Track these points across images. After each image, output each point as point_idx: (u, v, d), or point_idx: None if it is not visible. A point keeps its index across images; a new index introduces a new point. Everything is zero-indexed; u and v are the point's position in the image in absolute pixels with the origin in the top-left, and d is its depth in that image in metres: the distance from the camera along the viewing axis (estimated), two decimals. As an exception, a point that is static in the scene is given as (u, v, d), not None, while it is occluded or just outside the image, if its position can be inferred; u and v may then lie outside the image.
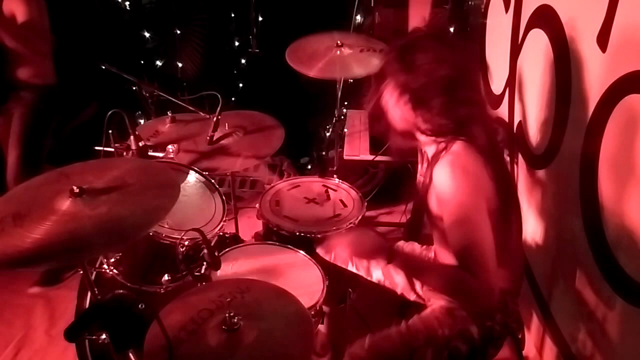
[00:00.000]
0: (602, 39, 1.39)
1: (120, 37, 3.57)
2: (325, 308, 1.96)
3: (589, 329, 1.58)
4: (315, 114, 3.62)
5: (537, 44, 1.84)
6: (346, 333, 2.06)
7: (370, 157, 2.95)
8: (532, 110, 1.94)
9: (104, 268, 1.77)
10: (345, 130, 3.13)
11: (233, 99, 3.80)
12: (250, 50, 3.81)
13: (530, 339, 2.07)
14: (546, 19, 1.76)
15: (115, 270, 1.67)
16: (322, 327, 1.98)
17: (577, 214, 1.59)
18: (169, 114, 2.00)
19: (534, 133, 1.95)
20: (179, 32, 3.75)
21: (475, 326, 1.51)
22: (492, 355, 1.57)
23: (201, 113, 2.00)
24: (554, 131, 1.75)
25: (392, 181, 3.19)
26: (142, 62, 3.70)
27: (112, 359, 1.44)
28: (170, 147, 1.76)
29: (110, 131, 1.56)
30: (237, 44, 4.00)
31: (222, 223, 1.69)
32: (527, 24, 1.93)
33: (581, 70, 1.54)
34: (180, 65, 3.77)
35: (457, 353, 1.49)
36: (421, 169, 1.77)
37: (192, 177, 1.81)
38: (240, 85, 4.01)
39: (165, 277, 1.65)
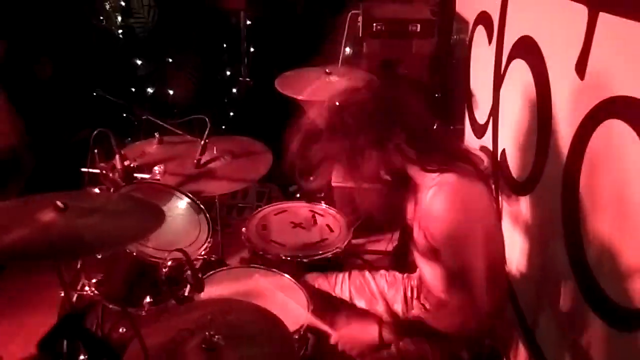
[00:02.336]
0: (580, 67, 1.43)
1: (113, 64, 3.61)
2: (310, 337, 1.94)
3: (574, 356, 1.57)
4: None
5: (519, 73, 1.89)
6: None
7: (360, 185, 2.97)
8: (515, 138, 1.98)
9: (85, 290, 1.74)
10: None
11: (224, 127, 3.82)
12: (241, 78, 3.87)
13: (517, 369, 2.06)
14: (527, 49, 1.81)
15: (96, 291, 1.64)
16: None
17: (559, 239, 1.61)
18: (157, 135, 2.01)
19: (517, 160, 1.98)
20: (170, 60, 3.80)
21: (466, 351, 1.50)
22: (479, 380, 1.56)
23: (189, 137, 2.01)
24: (536, 158, 1.78)
25: (379, 211, 3.19)
26: (134, 89, 3.74)
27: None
28: (156, 168, 1.76)
29: (95, 150, 1.56)
30: (228, 73, 4.06)
31: (206, 244, 1.68)
32: (509, 55, 1.99)
33: (561, 98, 1.58)
34: (171, 92, 3.81)
35: None
36: (410, 209, 1.78)
37: (180, 200, 1.81)
38: (231, 114, 4.05)
39: (147, 299, 1.62)
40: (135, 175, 1.74)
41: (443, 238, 1.38)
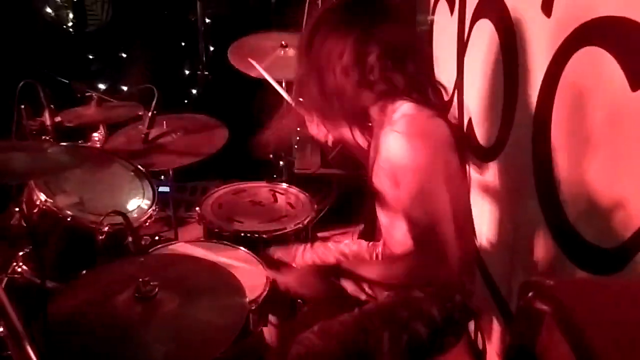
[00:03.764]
0: (547, 5, 1.36)
1: (62, 58, 3.42)
2: (272, 318, 1.79)
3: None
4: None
5: (483, 34, 1.82)
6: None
7: (322, 171, 2.86)
8: (481, 102, 1.90)
9: (17, 272, 1.55)
10: (296, 146, 3.05)
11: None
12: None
13: (492, 348, 1.94)
14: (490, 6, 1.75)
15: (24, 267, 1.45)
16: (268, 337, 1.79)
17: (532, 196, 1.52)
18: (94, 95, 1.83)
19: (483, 126, 1.90)
20: (124, 55, 3.65)
21: (436, 307, 1.38)
22: (452, 344, 1.43)
23: (135, 103, 1.86)
24: (504, 115, 1.69)
25: (345, 201, 3.09)
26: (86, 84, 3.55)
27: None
28: (95, 135, 1.60)
29: (22, 106, 1.39)
30: (187, 72, 3.93)
31: (151, 211, 1.51)
32: (472, 18, 1.93)
33: (528, 43, 1.50)
34: (125, 89, 3.64)
35: (417, 336, 1.35)
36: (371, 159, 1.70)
37: (122, 168, 1.64)
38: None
39: (84, 272, 1.44)
40: (71, 141, 1.57)
41: (406, 179, 1.27)
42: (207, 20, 3.90)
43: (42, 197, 1.37)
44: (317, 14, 1.35)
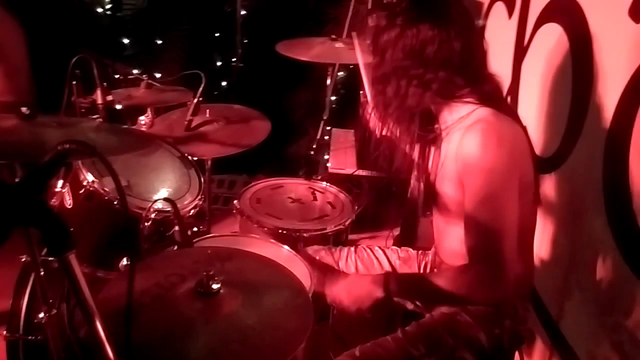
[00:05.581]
0: (636, 9, 1.28)
1: (97, 41, 3.38)
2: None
3: (615, 342, 1.37)
4: (303, 135, 3.48)
5: (549, 38, 1.73)
6: (327, 355, 1.80)
7: (359, 172, 2.78)
8: (540, 110, 1.81)
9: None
10: (331, 146, 2.97)
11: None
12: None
13: (534, 368, 1.85)
14: (562, 9, 1.66)
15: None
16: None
17: (598, 210, 1.43)
18: (145, 77, 1.78)
19: (542, 135, 1.81)
20: (159, 42, 3.60)
21: (484, 333, 1.29)
22: (501, 371, 1.35)
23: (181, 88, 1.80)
24: (569, 125, 1.61)
25: (376, 205, 3.02)
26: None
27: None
28: (142, 118, 1.54)
29: (74, 82, 1.33)
30: (221, 63, 3.88)
31: (197, 200, 1.45)
32: (537, 22, 1.84)
33: (608, 49, 1.42)
34: (159, 76, 3.59)
35: None
36: (415, 175, 1.62)
37: (168, 154, 1.58)
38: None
39: (124, 261, 1.38)
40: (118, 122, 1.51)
41: (475, 182, 1.18)
42: (243, 12, 3.86)
43: (90, 177, 1.31)
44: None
